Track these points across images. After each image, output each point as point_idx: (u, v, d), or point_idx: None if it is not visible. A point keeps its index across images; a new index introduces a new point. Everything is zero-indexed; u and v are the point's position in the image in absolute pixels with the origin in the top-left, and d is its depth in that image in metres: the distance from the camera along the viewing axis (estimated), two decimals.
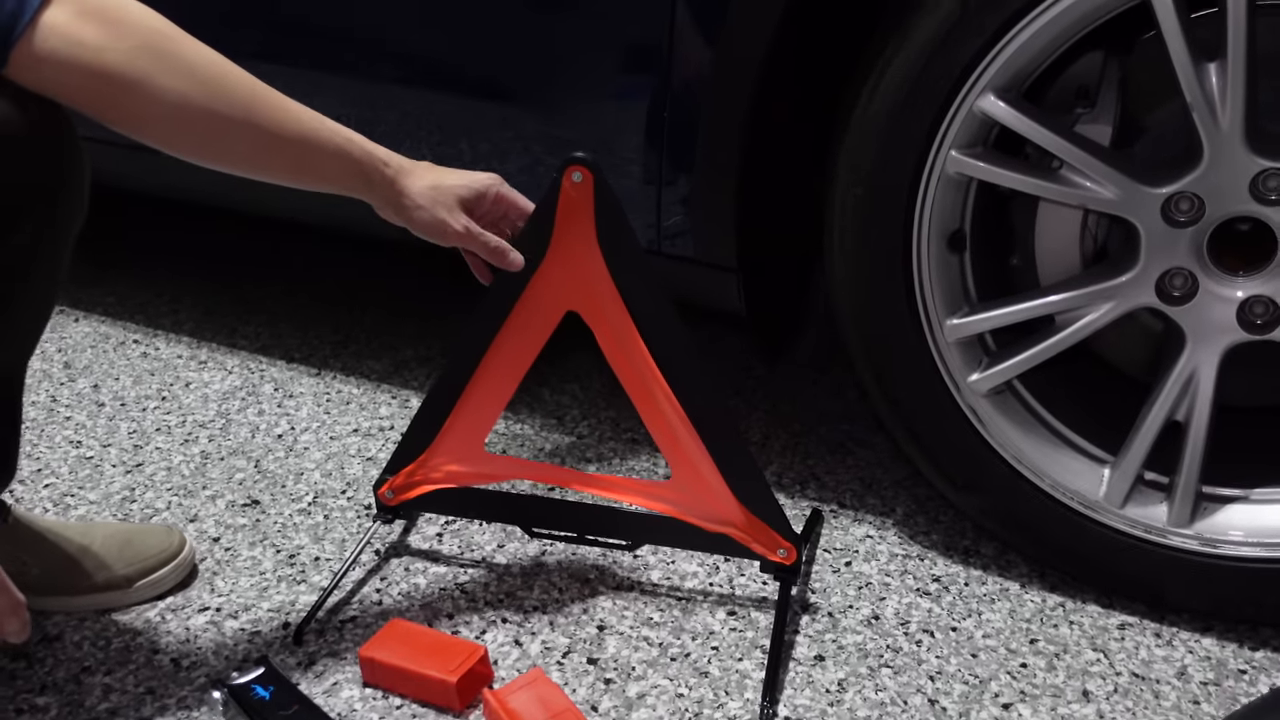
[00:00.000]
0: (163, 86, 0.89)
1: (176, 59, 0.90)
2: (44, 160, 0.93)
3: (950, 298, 1.19)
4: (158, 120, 0.91)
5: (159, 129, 0.92)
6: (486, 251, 1.10)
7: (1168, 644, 1.17)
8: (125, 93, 0.88)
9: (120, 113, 0.90)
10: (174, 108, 0.90)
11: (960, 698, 1.09)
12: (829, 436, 1.55)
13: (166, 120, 0.91)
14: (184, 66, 0.90)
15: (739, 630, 1.18)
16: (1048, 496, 1.20)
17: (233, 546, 1.31)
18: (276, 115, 0.96)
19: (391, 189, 1.05)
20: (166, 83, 0.89)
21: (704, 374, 1.13)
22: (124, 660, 1.12)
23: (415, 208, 1.06)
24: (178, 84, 0.90)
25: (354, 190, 1.04)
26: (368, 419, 1.60)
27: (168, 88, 0.89)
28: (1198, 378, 1.13)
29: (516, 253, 1.11)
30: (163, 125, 0.91)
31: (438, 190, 1.07)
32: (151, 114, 0.90)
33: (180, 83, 0.90)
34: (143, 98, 0.89)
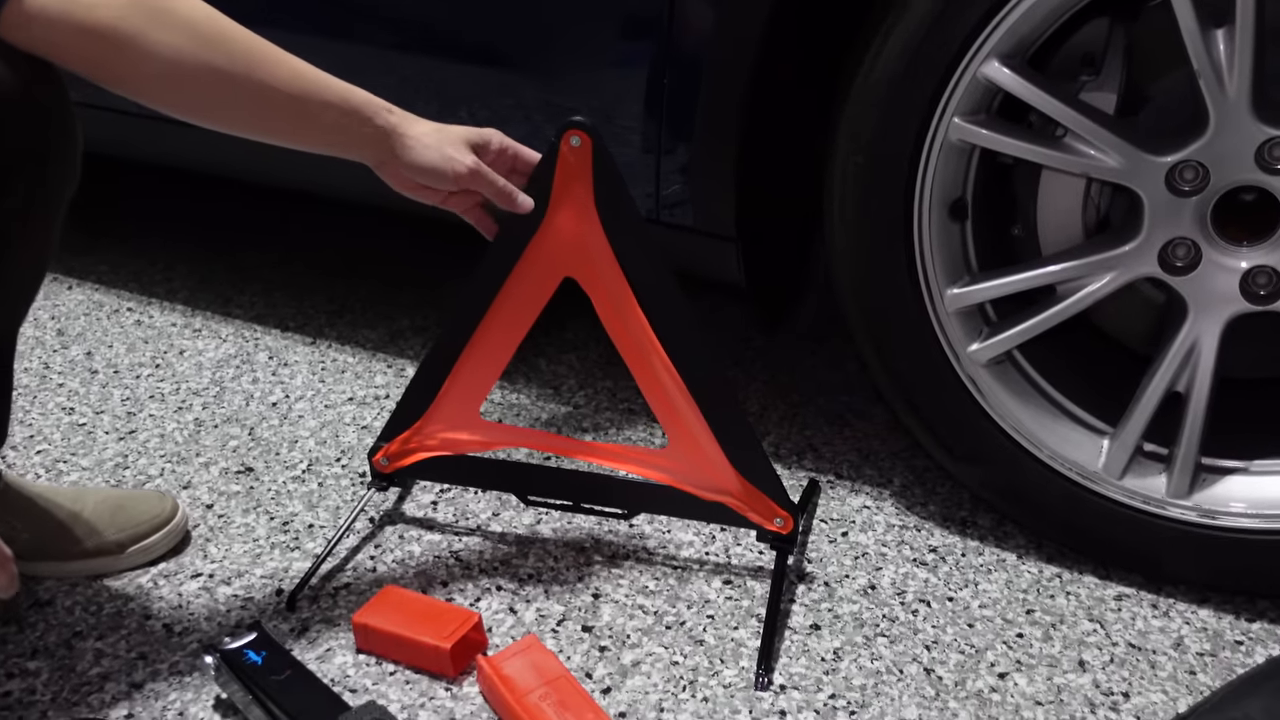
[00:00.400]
0: (156, 42, 0.87)
1: (170, 15, 0.88)
2: (35, 124, 0.91)
3: (951, 267, 1.18)
4: (152, 78, 0.89)
5: (154, 87, 0.90)
6: (494, 192, 1.07)
7: (1164, 615, 1.17)
8: (118, 50, 0.86)
9: (113, 71, 0.88)
10: (168, 64, 0.88)
11: (956, 667, 1.09)
12: (827, 407, 1.54)
13: (161, 78, 0.89)
14: (178, 22, 0.88)
15: (734, 599, 1.17)
16: (1046, 467, 1.20)
17: (226, 513, 1.30)
18: (275, 70, 0.93)
19: (395, 133, 1.02)
20: (160, 38, 0.87)
21: (702, 342, 1.12)
22: (115, 625, 1.12)
23: (421, 147, 1.03)
24: (172, 39, 0.88)
25: (356, 144, 1.01)
26: (363, 387, 1.59)
27: (162, 43, 0.87)
28: (1199, 349, 1.12)
29: (525, 195, 1.09)
30: (157, 83, 0.90)
31: (442, 132, 1.05)
32: (145, 71, 0.88)
33: (175, 38, 0.88)
34: (136, 55, 0.87)
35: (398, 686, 1.05)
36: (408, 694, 1.04)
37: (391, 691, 1.04)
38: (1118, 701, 1.05)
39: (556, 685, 1.01)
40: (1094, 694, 1.06)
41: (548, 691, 1.00)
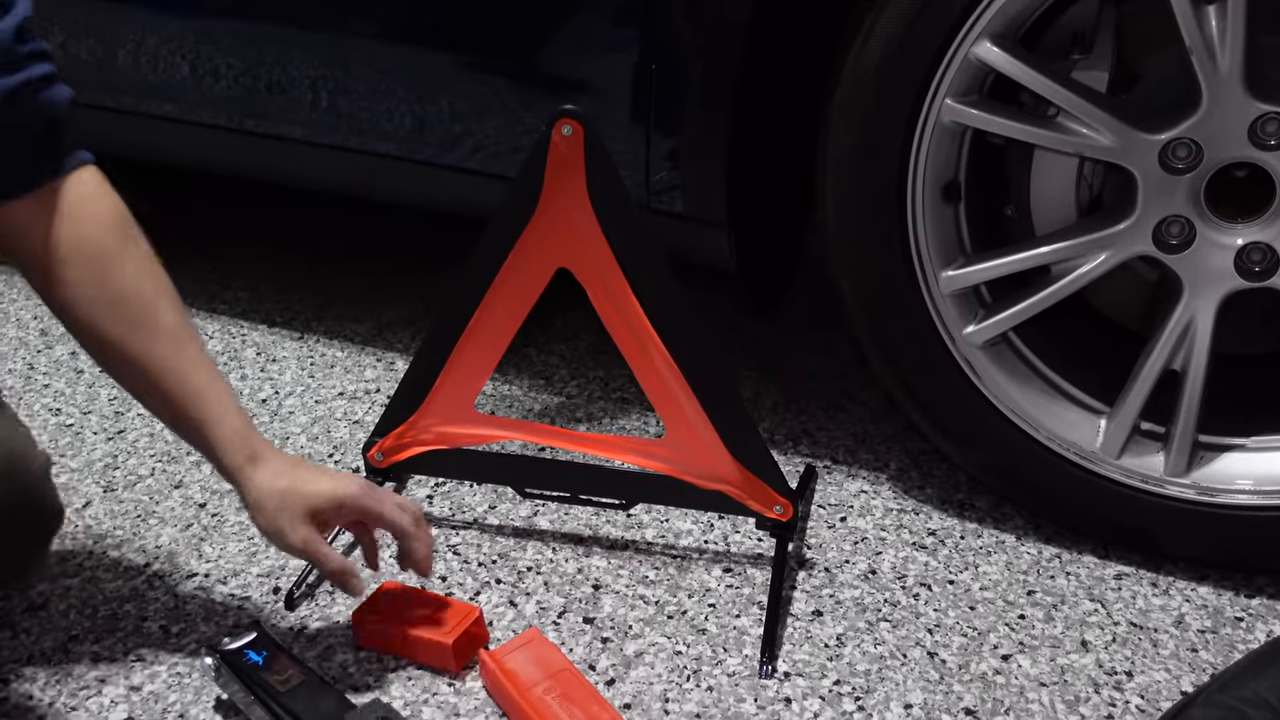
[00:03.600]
0: (84, 299, 0.94)
1: (108, 285, 0.95)
2: None
3: (945, 249, 1.18)
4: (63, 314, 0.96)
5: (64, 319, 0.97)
6: (324, 572, 1.02)
7: (1164, 593, 1.17)
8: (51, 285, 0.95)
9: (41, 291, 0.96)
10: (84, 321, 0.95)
11: (959, 650, 1.09)
12: (821, 393, 1.54)
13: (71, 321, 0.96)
14: (113, 294, 0.94)
15: (735, 587, 1.17)
16: (1044, 448, 1.19)
17: (219, 512, 1.29)
18: (168, 367, 0.96)
19: (238, 479, 0.98)
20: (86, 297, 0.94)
21: (699, 330, 1.12)
22: (112, 628, 1.10)
23: (256, 508, 0.99)
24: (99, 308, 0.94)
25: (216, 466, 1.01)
26: (353, 382, 1.57)
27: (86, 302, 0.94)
28: (1195, 326, 1.12)
29: (358, 579, 1.02)
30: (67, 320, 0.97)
31: (285, 496, 0.98)
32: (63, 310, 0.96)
33: (101, 307, 0.94)
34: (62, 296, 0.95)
35: (400, 683, 1.04)
36: (410, 690, 1.03)
37: (394, 688, 1.03)
38: (1121, 681, 1.05)
39: (561, 678, 1.00)
40: (1097, 674, 1.06)
41: (552, 685, 0.99)
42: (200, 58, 1.50)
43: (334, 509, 1.00)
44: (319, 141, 1.50)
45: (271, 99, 1.48)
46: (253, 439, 0.99)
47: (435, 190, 1.49)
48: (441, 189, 1.48)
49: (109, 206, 0.96)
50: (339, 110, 1.45)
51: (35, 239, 0.93)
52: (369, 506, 1.01)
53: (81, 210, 0.94)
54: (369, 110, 1.43)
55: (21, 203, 0.92)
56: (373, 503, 1.02)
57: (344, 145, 1.48)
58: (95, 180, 0.96)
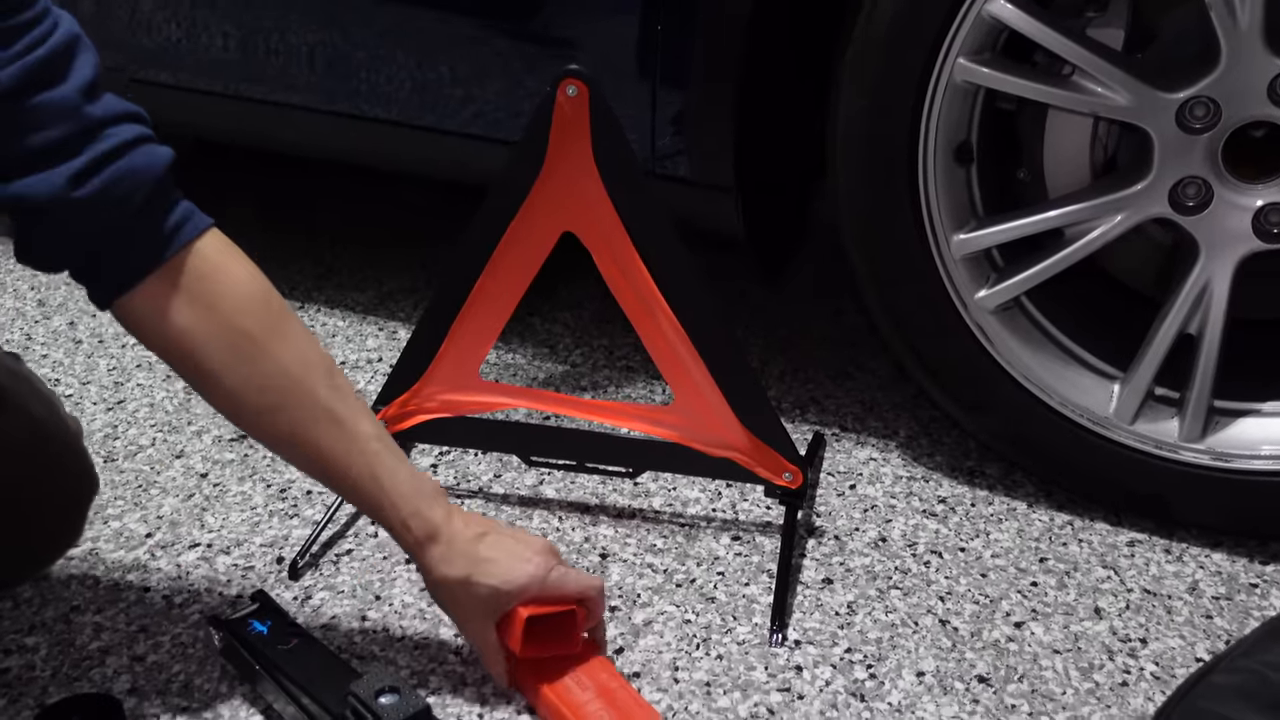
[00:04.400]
0: (231, 387, 0.87)
1: (255, 370, 0.87)
2: None
3: (957, 212, 1.16)
4: (215, 401, 0.90)
5: (215, 404, 0.91)
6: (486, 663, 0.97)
7: (1178, 560, 1.16)
8: (196, 373, 0.88)
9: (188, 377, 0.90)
10: (233, 406, 0.89)
11: (971, 617, 1.07)
12: (828, 360, 1.52)
13: (223, 407, 0.90)
14: (262, 380, 0.87)
15: (744, 555, 1.15)
16: (1056, 414, 1.18)
17: (221, 482, 1.27)
18: (323, 446, 0.89)
19: (414, 556, 0.93)
20: (235, 384, 0.87)
21: (707, 295, 1.10)
22: (114, 599, 1.09)
23: (431, 591, 0.95)
24: (249, 395, 0.87)
25: None
26: (355, 351, 1.56)
27: (235, 389, 0.87)
28: (1211, 289, 1.10)
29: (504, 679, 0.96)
30: (220, 405, 0.90)
31: (460, 588, 0.91)
32: (212, 397, 0.90)
33: (252, 394, 0.87)
34: (210, 384, 0.88)
35: (406, 653, 1.03)
36: (417, 660, 1.02)
37: (400, 658, 1.02)
38: (1135, 648, 1.04)
39: None
40: (1111, 641, 1.05)
41: None
42: (196, 22, 1.47)
43: (509, 598, 0.91)
44: (317, 107, 1.47)
45: (269, 63, 1.46)
46: (425, 522, 0.91)
47: (436, 156, 1.47)
48: (442, 155, 1.45)
49: (245, 278, 0.87)
50: (337, 75, 1.43)
51: (165, 325, 0.84)
52: (549, 593, 0.92)
53: (213, 286, 0.85)
54: (368, 74, 1.41)
55: (145, 287, 0.83)
56: (553, 589, 0.92)
57: (342, 111, 1.46)
58: (221, 247, 0.87)
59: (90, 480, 1.05)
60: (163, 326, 0.84)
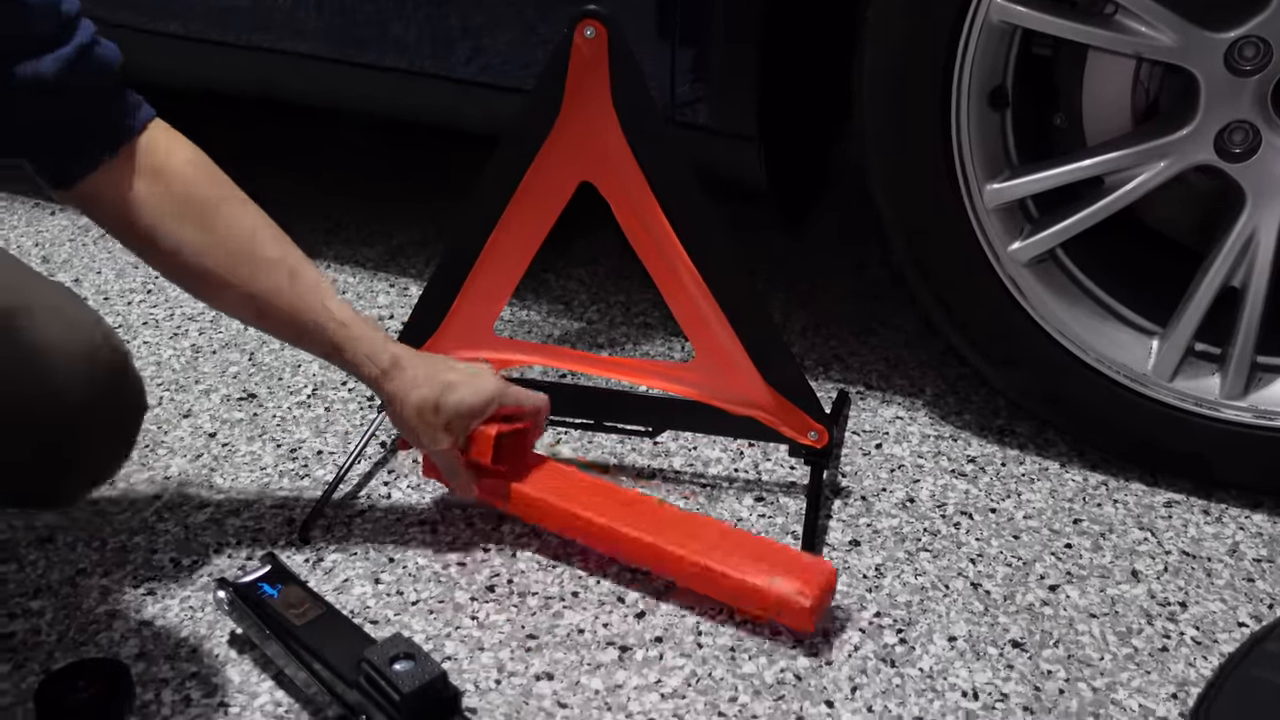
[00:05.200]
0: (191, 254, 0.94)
1: (210, 233, 0.94)
2: None
3: (990, 161, 1.11)
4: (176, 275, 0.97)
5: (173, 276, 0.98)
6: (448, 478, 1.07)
7: (1217, 521, 1.12)
8: (154, 247, 0.94)
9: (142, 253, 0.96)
10: (195, 275, 0.96)
11: (1004, 580, 1.04)
12: (852, 316, 1.48)
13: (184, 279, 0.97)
14: (216, 240, 0.95)
15: (768, 517, 1.12)
16: (1092, 371, 1.14)
17: (230, 441, 1.24)
18: (283, 298, 0.97)
19: (377, 388, 1.01)
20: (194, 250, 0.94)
21: (730, 247, 1.06)
22: (121, 561, 1.06)
23: (394, 420, 1.03)
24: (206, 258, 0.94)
25: None
26: (366, 307, 1.52)
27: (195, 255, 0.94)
28: (1257, 239, 1.06)
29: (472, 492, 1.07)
30: (176, 277, 0.97)
31: (424, 408, 1.00)
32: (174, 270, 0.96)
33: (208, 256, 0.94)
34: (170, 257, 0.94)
35: (421, 616, 1.00)
36: (433, 624, 0.99)
37: (415, 622, 0.99)
38: (1175, 612, 1.01)
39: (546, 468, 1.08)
40: (1149, 605, 1.01)
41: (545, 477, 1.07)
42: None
43: (473, 415, 1.01)
44: (325, 56, 1.43)
45: (276, 10, 1.41)
46: (384, 354, 0.99)
47: (448, 106, 1.42)
48: (453, 104, 1.41)
49: (190, 156, 0.95)
50: (345, 23, 1.38)
51: (125, 202, 0.91)
52: (508, 411, 1.04)
53: (164, 166, 0.93)
54: (377, 21, 1.36)
55: (106, 168, 0.90)
56: (511, 407, 1.04)
57: (351, 60, 1.41)
58: (166, 132, 0.94)
59: (140, 396, 1.04)
60: (123, 203, 0.91)
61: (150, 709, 0.91)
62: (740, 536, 1.02)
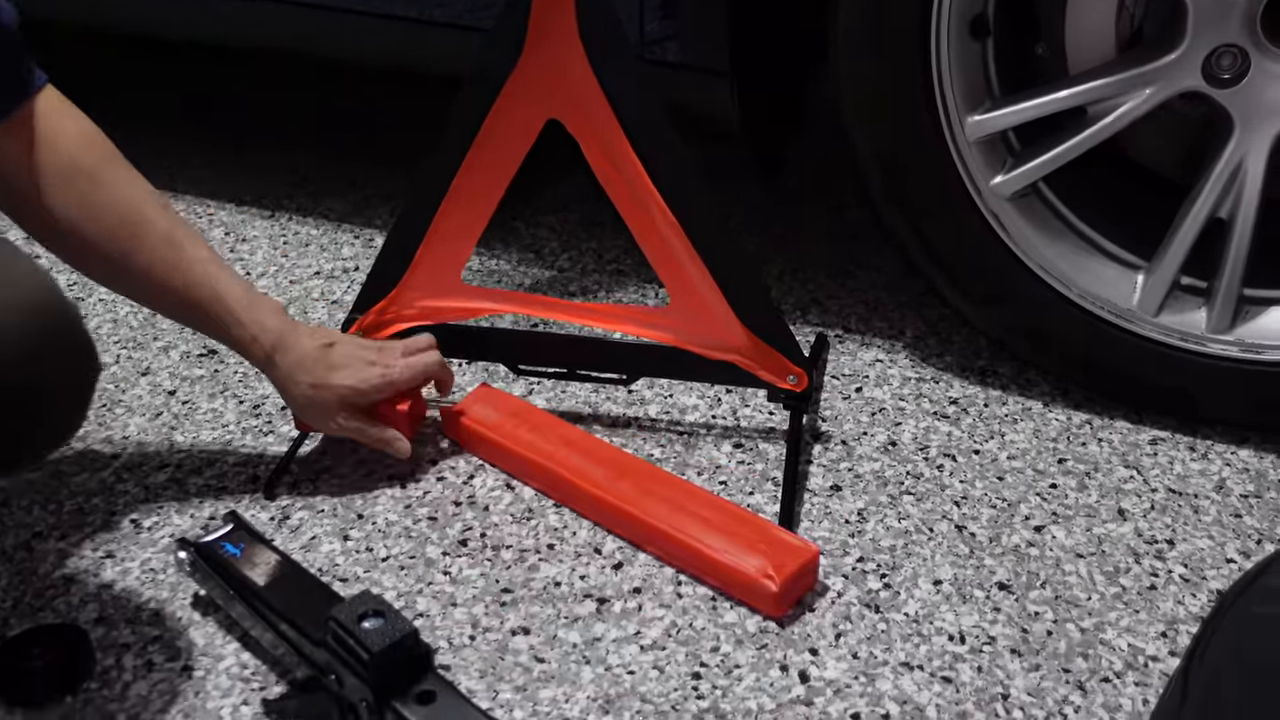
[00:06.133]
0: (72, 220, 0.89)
1: (94, 200, 0.90)
2: None
3: (971, 92, 1.08)
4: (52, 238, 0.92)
5: (55, 246, 0.93)
6: (369, 443, 1.04)
7: (1203, 457, 1.10)
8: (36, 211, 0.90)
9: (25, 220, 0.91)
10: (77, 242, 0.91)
11: (989, 522, 1.02)
12: (829, 259, 1.45)
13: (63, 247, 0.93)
14: (100, 209, 0.90)
15: (747, 463, 1.09)
16: (1076, 307, 1.11)
17: (190, 399, 1.20)
18: (167, 272, 0.93)
19: (265, 367, 0.99)
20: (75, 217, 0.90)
21: (704, 187, 1.02)
22: (78, 524, 1.03)
23: (286, 401, 1.03)
24: (89, 227, 0.90)
25: None
26: (330, 260, 1.47)
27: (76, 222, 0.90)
28: (1245, 168, 1.03)
29: (404, 443, 1.04)
30: (58, 246, 0.93)
31: (316, 391, 0.99)
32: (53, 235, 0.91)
33: (91, 225, 0.90)
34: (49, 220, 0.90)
35: (391, 573, 0.97)
36: (403, 581, 0.96)
37: (385, 579, 0.96)
38: (1162, 549, 0.99)
39: (523, 415, 1.09)
40: (1137, 543, 0.99)
41: (518, 421, 1.08)
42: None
43: (367, 396, 1.01)
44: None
45: None
46: (270, 333, 0.97)
47: (404, 47, 1.37)
48: (409, 45, 1.36)
49: (79, 123, 0.91)
50: None
51: (10, 167, 0.88)
52: (404, 380, 1.03)
53: (53, 131, 0.89)
54: None
55: None
56: (403, 383, 1.03)
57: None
58: (58, 99, 0.90)
59: (93, 360, 1.01)
60: (10, 168, 0.88)
61: (111, 675, 0.87)
62: (718, 505, 0.98)
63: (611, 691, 0.85)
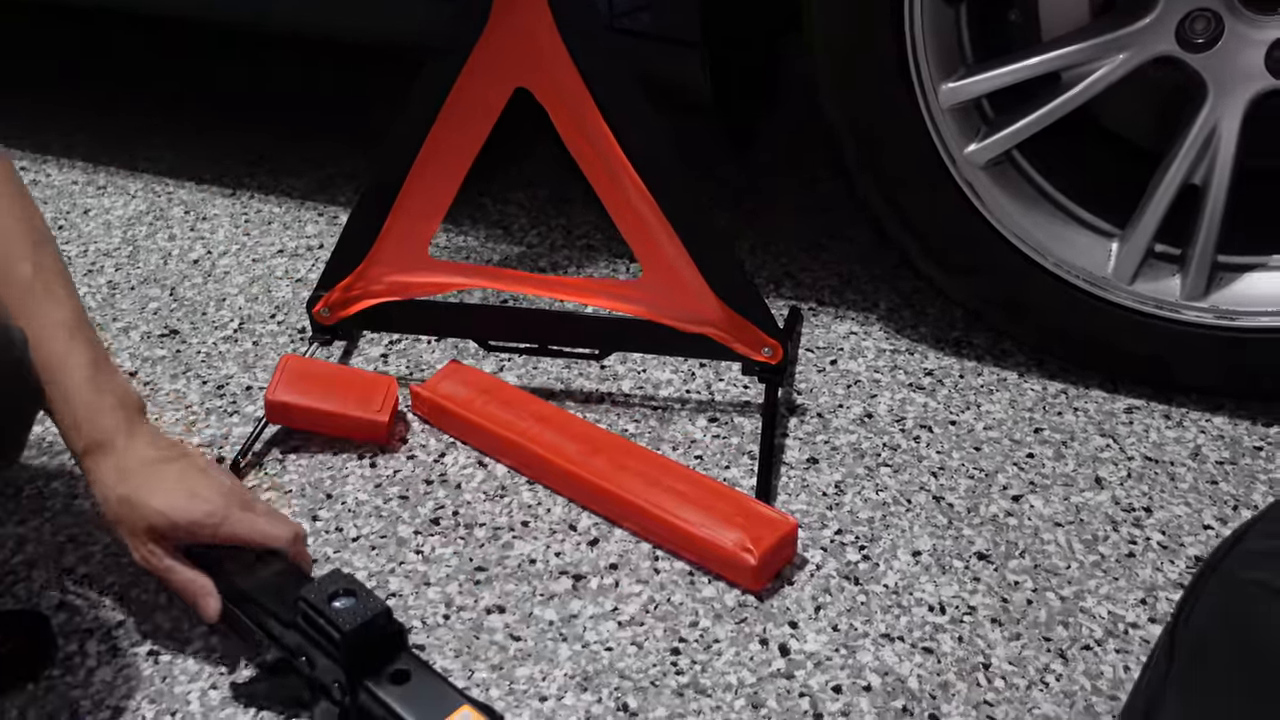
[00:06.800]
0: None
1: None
2: None
3: (945, 58, 1.07)
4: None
5: None
6: (170, 588, 0.85)
7: (1178, 425, 1.10)
8: None
9: None
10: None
11: (967, 493, 1.01)
12: (802, 232, 1.43)
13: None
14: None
15: (722, 437, 1.08)
16: (1051, 276, 1.10)
17: (152, 380, 1.17)
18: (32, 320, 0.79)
19: (84, 467, 0.82)
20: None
21: (676, 157, 1.00)
22: (37, 509, 1.00)
23: (101, 507, 0.83)
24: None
25: None
26: (293, 238, 1.44)
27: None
28: (1219, 134, 1.03)
29: (213, 600, 0.83)
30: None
31: (124, 507, 0.81)
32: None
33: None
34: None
35: (362, 553, 0.94)
36: (375, 561, 0.94)
37: (356, 559, 0.94)
38: (1140, 517, 0.98)
39: (493, 392, 1.07)
40: (1114, 511, 0.99)
41: (489, 398, 1.06)
42: None
43: (179, 532, 0.82)
44: None
45: None
46: (99, 423, 0.81)
47: (365, 19, 1.34)
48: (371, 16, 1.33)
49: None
50: None
51: None
52: (229, 535, 0.83)
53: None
54: None
55: None
56: (233, 531, 0.83)
57: None
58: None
59: (34, 394, 0.81)
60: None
61: (74, 661, 0.85)
62: (694, 479, 0.97)
63: (590, 668, 0.84)
